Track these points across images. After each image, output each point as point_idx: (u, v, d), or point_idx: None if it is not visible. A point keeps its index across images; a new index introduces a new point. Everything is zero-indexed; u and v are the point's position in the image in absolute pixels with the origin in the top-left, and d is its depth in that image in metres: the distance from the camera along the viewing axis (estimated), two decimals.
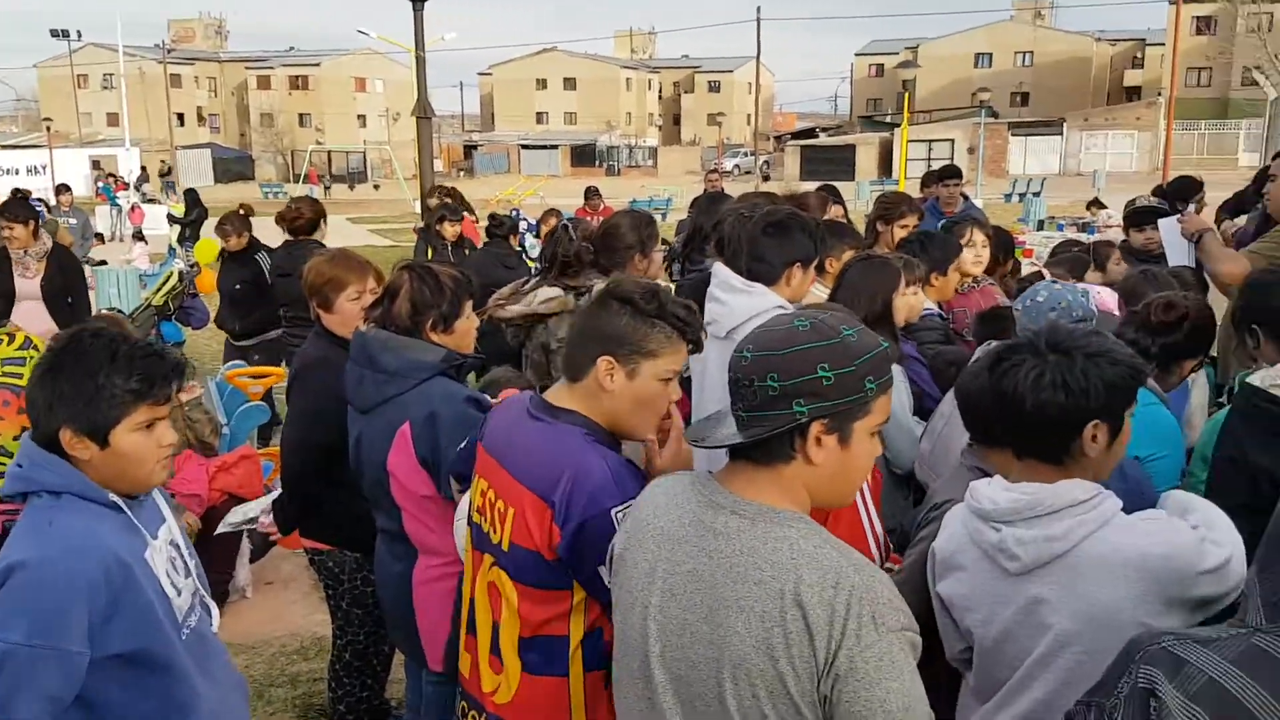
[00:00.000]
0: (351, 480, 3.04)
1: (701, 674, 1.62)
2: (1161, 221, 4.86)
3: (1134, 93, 64.11)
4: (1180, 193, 6.69)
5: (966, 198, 7.89)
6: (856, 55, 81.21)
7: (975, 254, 4.42)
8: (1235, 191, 7.16)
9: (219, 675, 2.15)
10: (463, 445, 2.50)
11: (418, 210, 15.61)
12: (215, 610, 2.25)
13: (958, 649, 2.10)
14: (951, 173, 7.75)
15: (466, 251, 8.47)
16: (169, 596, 2.03)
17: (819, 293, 3.61)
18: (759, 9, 49.10)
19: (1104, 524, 1.85)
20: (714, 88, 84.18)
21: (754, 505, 1.63)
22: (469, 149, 70.93)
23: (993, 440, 2.03)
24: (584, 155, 66.89)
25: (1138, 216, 5.76)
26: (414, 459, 2.72)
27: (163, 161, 29.83)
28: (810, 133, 62.01)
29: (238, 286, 7.14)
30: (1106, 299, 3.61)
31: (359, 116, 76.77)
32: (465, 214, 8.90)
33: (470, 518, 2.29)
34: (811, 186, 6.25)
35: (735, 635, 1.57)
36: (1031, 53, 68.27)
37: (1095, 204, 16.28)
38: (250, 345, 7.20)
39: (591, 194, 14.40)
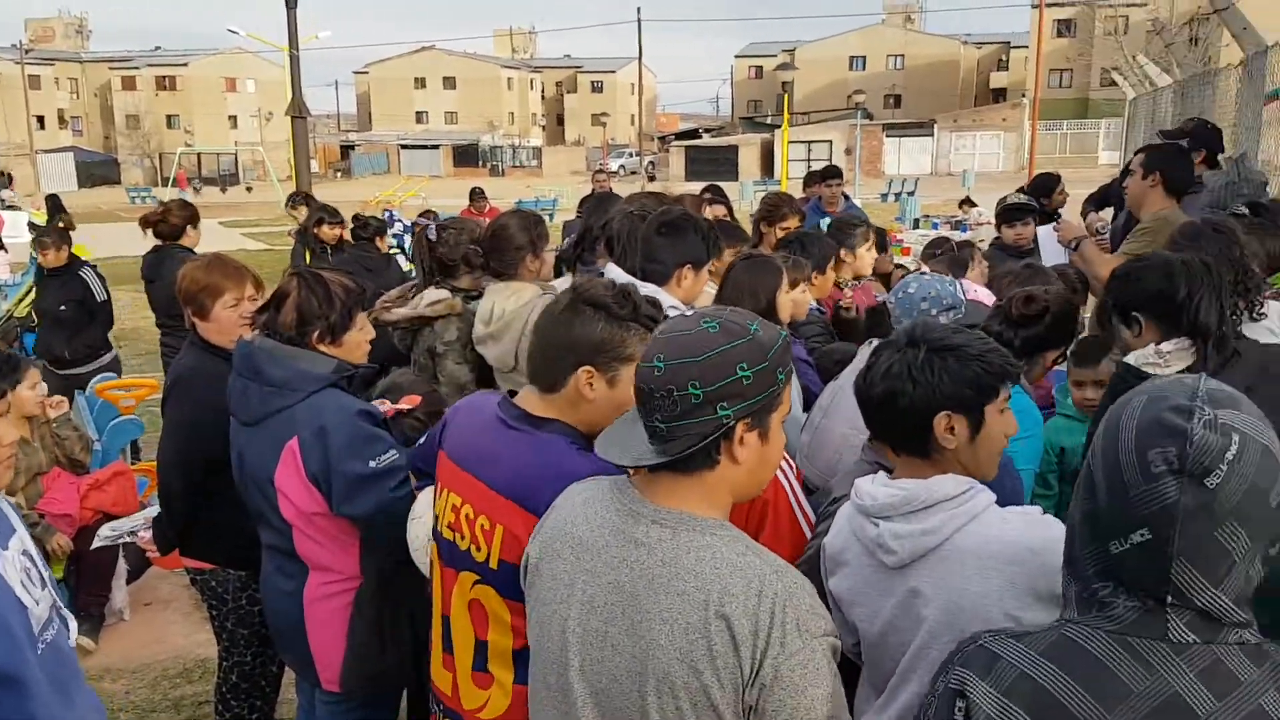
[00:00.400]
0: (234, 496, 2.91)
1: (623, 687, 1.59)
2: (1040, 230, 5.13)
3: (1000, 94, 66.81)
4: (1041, 189, 7.01)
5: (847, 197, 8.10)
6: (736, 57, 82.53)
7: (873, 256, 4.63)
8: (1100, 185, 7.53)
9: (76, 696, 2.00)
10: (421, 441, 2.45)
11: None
12: (73, 622, 2.10)
13: (850, 643, 2.13)
14: (833, 173, 7.96)
15: (347, 254, 8.26)
16: (25, 607, 1.89)
17: (710, 292, 3.64)
18: (639, 10, 49.43)
19: (974, 518, 1.87)
20: (597, 88, 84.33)
21: (675, 514, 1.61)
22: (346, 149, 69.38)
23: (875, 435, 2.08)
24: (466, 155, 66.15)
25: (1008, 214, 6.00)
26: (303, 475, 2.63)
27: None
28: (694, 133, 62.72)
29: (62, 308, 6.65)
30: (981, 294, 3.73)
31: (230, 117, 74.19)
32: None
33: (439, 532, 2.20)
34: (697, 186, 6.31)
35: (658, 648, 1.55)
36: (903, 56, 70.52)
37: (967, 202, 16.88)
38: (81, 374, 6.63)
39: (477, 195, 14.26)
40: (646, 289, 3.08)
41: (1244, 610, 1.29)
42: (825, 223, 6.09)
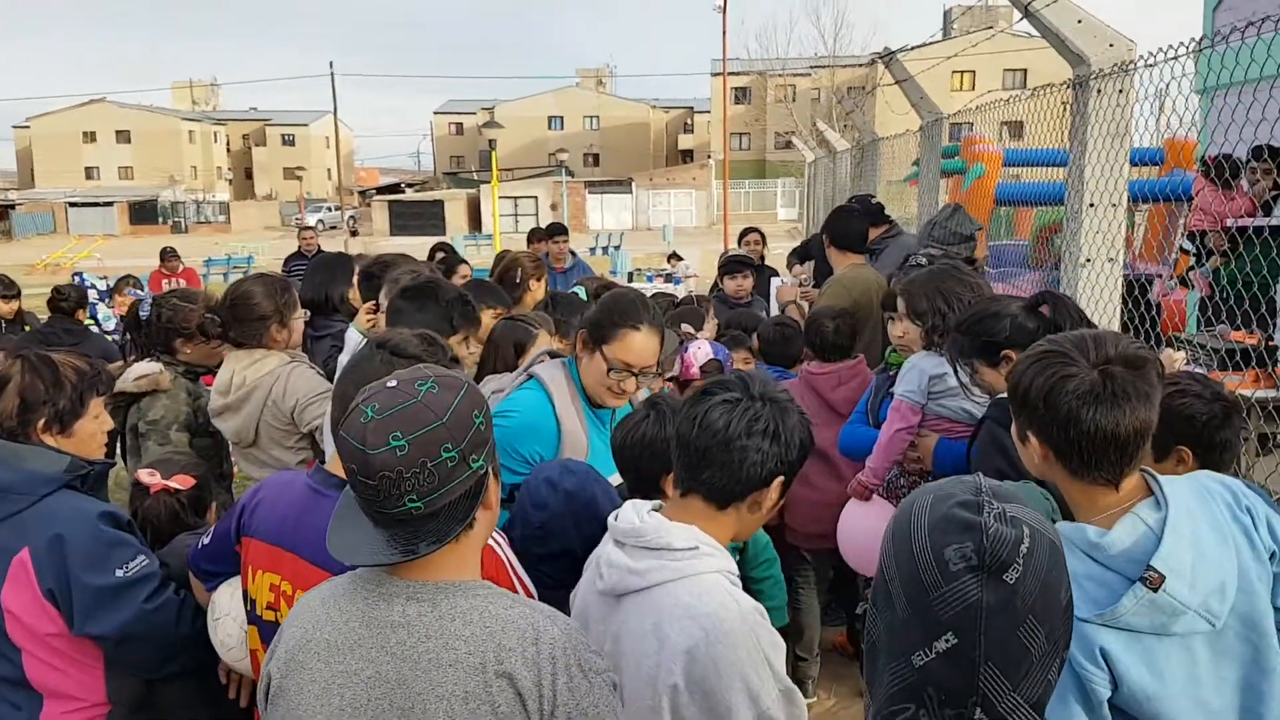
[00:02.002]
0: None
1: None
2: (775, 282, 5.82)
3: (688, 155, 71.09)
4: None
5: (574, 253, 8.24)
6: (435, 113, 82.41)
7: None
8: (803, 240, 8.18)
9: None
10: (206, 541, 2.20)
11: None
12: None
13: None
14: (559, 230, 8.09)
15: (26, 328, 7.32)
16: None
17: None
18: (331, 64, 48.25)
19: (683, 577, 1.80)
20: (288, 141, 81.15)
21: (431, 585, 1.54)
22: (5, 208, 61.95)
23: (686, 469, 1.96)
24: (145, 212, 61.16)
25: (730, 266, 6.43)
26: (37, 592, 2.26)
27: None
28: (396, 188, 61.66)
29: None
30: (707, 349, 4.35)
31: None
32: None
33: (258, 617, 2.03)
34: (402, 241, 6.19)
35: None
36: (598, 117, 73.44)
37: (674, 256, 17.76)
38: None
39: (168, 255, 13.20)
40: None
41: (1041, 716, 1.28)
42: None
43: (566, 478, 2.31)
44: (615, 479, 2.62)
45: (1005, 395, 2.70)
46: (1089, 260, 3.87)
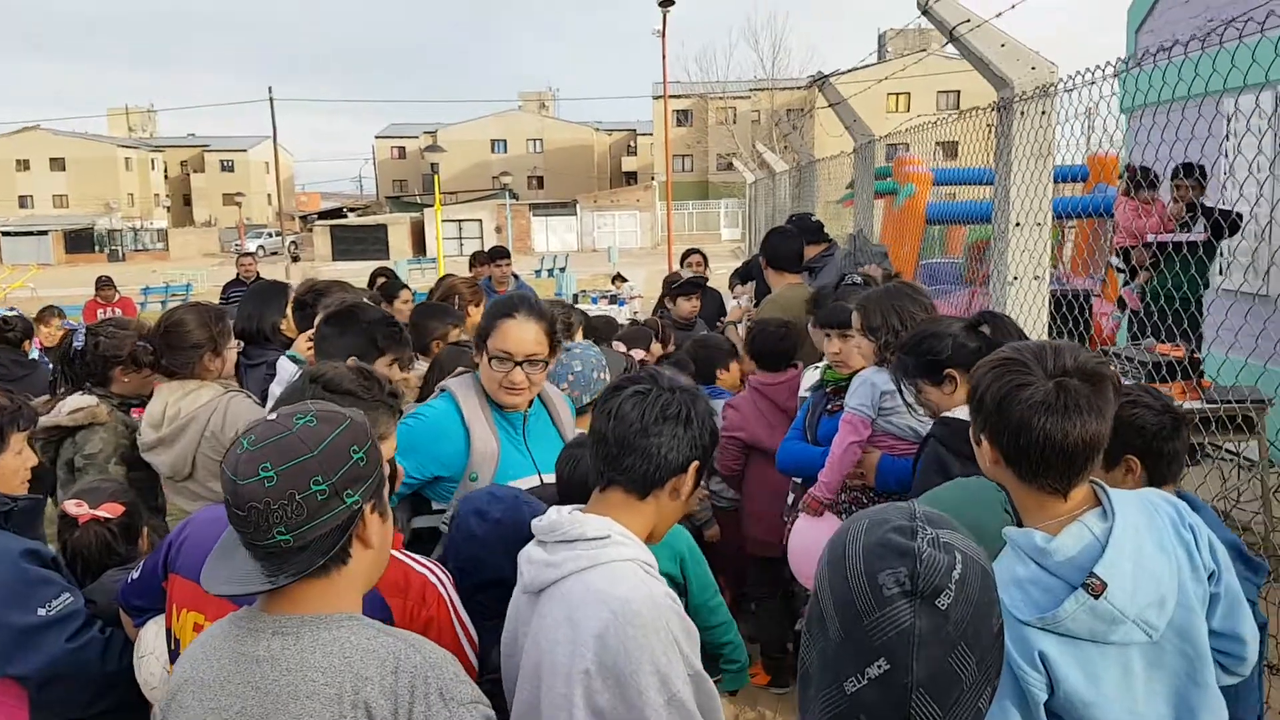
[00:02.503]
0: None
1: None
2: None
3: (632, 176, 71.49)
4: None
5: (517, 276, 8.26)
6: (377, 137, 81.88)
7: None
8: (744, 261, 8.28)
9: None
10: (134, 576, 2.17)
11: None
12: None
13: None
14: (501, 253, 8.11)
15: None
16: None
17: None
18: (270, 89, 47.77)
19: (595, 565, 1.82)
20: (227, 167, 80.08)
21: (296, 618, 1.55)
22: None
23: (605, 462, 1.99)
24: (81, 240, 59.85)
25: (686, 288, 6.52)
26: None
27: None
28: (338, 212, 61.05)
29: None
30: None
31: None
32: None
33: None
34: (346, 266, 6.17)
35: None
36: (541, 140, 73.53)
37: (619, 278, 17.81)
38: None
39: (104, 283, 12.97)
40: None
41: None
42: None
43: (494, 505, 2.31)
44: (526, 482, 2.68)
45: (949, 414, 2.76)
46: (1016, 278, 3.97)
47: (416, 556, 2.16)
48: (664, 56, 26.21)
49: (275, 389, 3.61)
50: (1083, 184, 9.44)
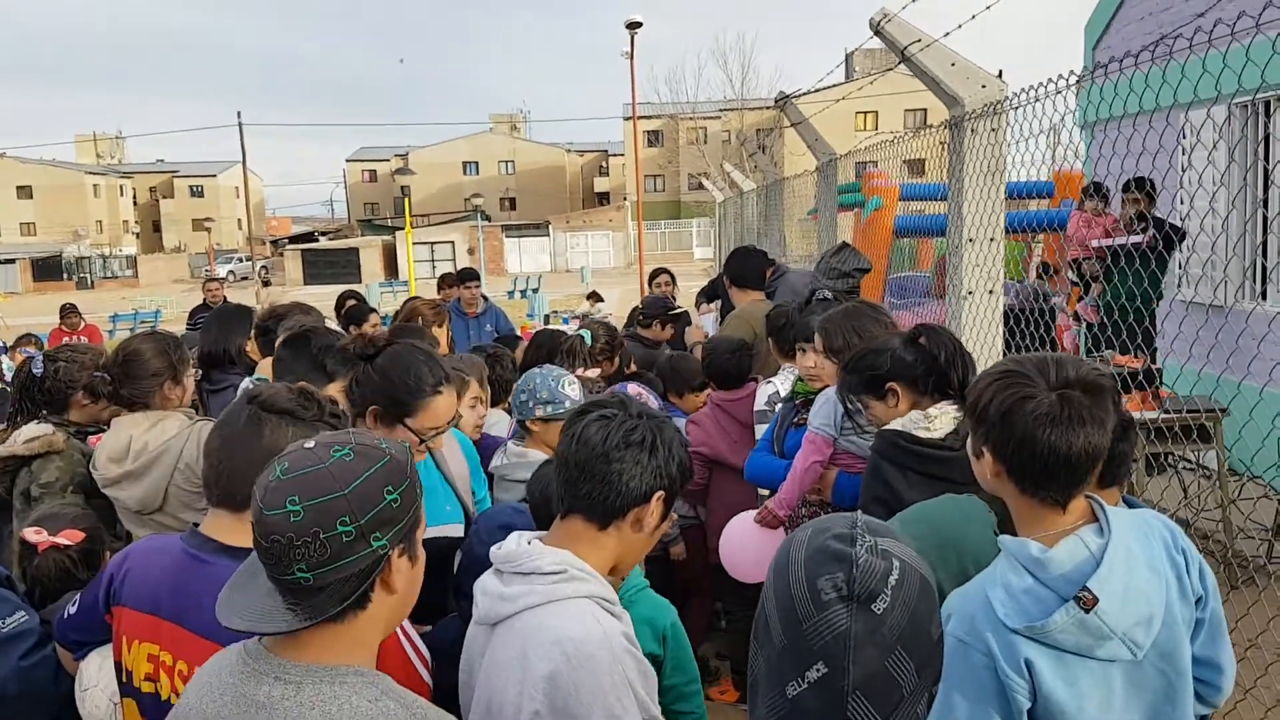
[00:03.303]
0: None
1: None
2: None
3: (604, 197, 71.66)
4: (650, 278, 7.78)
5: (486, 298, 8.24)
6: (348, 161, 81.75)
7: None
8: (710, 280, 8.36)
9: None
10: (72, 611, 2.13)
11: None
12: None
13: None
14: (470, 275, 8.09)
15: None
16: None
17: None
18: (240, 114, 47.61)
19: (549, 601, 1.76)
20: (196, 192, 79.67)
21: (301, 668, 1.47)
22: None
23: (569, 489, 1.94)
24: (49, 269, 59.23)
25: (656, 315, 6.56)
26: None
27: None
28: (310, 236, 60.81)
29: None
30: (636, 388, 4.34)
31: None
32: None
33: (135, 689, 1.94)
34: (318, 290, 6.18)
35: None
36: (513, 161, 73.68)
37: (594, 296, 17.89)
38: None
39: (69, 311, 12.86)
40: None
41: None
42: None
43: (518, 519, 2.33)
44: (451, 529, 2.66)
45: (888, 427, 2.81)
46: (970, 292, 4.02)
47: None
48: (633, 78, 26.38)
49: None
50: (1049, 199, 9.60)
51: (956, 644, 1.79)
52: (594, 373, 4.28)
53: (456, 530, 2.82)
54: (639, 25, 25.03)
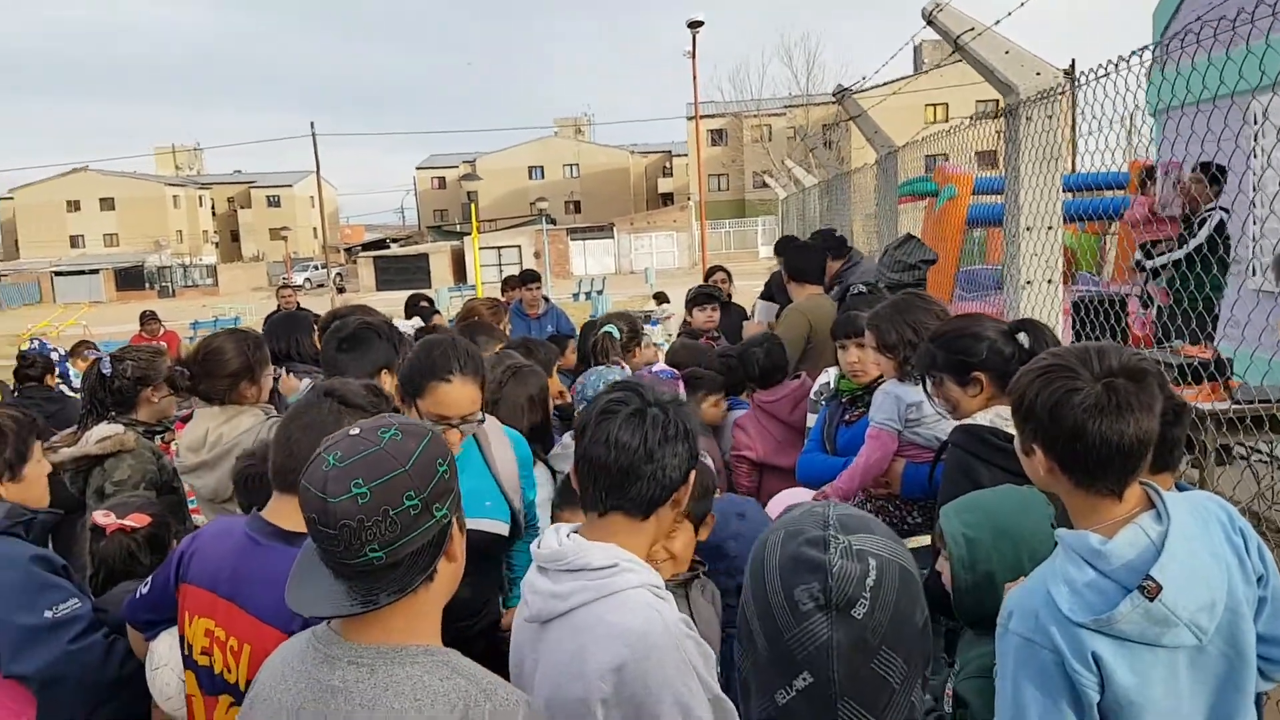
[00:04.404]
0: None
1: None
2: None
3: (668, 198, 71.65)
4: (707, 276, 7.93)
5: (547, 299, 8.33)
6: (418, 168, 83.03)
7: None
8: (766, 281, 8.35)
9: None
10: (145, 590, 2.24)
11: None
12: None
13: None
14: (531, 277, 8.19)
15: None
16: None
17: None
18: (313, 124, 48.65)
19: (604, 595, 1.79)
20: (273, 202, 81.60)
21: (373, 650, 1.52)
22: None
23: (605, 492, 1.95)
24: (131, 278, 61.30)
25: (699, 299, 6.62)
26: None
27: None
28: (381, 244, 61.95)
29: None
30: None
31: None
32: None
33: (194, 661, 2.06)
34: (389, 296, 6.33)
35: None
36: (577, 164, 74.07)
37: (660, 296, 17.97)
38: None
39: (148, 318, 13.27)
40: None
41: None
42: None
43: (747, 506, 2.64)
44: (490, 524, 2.76)
45: (968, 421, 2.69)
46: (1029, 282, 3.97)
47: None
48: (694, 77, 26.42)
49: None
50: (1123, 190, 9.35)
51: (1022, 642, 1.78)
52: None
53: (496, 527, 2.85)
54: (700, 24, 25.04)
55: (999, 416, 2.63)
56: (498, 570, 3.09)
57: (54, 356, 11.09)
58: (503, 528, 2.88)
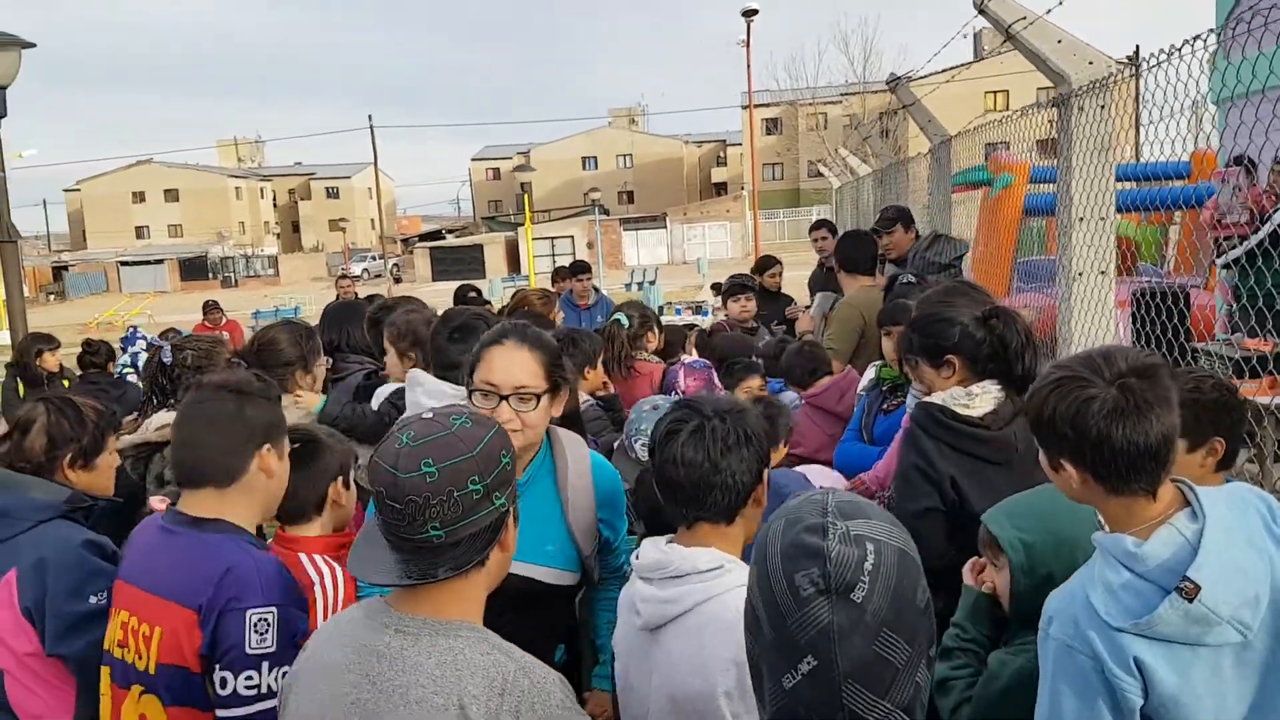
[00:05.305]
0: None
1: None
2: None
3: (721, 188, 71.34)
4: (760, 268, 7.84)
5: (598, 289, 8.37)
6: (473, 160, 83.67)
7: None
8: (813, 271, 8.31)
9: None
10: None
11: (5, 342, 13.87)
12: None
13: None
14: (581, 268, 8.24)
15: (65, 382, 7.60)
16: None
17: None
18: (370, 117, 49.37)
19: (713, 596, 1.91)
20: (332, 194, 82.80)
21: (419, 620, 1.58)
22: (58, 270, 63.85)
23: (680, 506, 2.09)
24: (195, 268, 62.71)
25: (731, 290, 6.59)
26: (16, 611, 2.42)
27: None
28: (437, 234, 62.64)
29: None
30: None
31: None
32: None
33: (109, 655, 2.17)
34: (444, 286, 6.40)
35: None
36: (631, 155, 74.06)
37: (715, 288, 17.91)
38: None
39: (210, 308, 13.61)
40: (461, 391, 2.63)
41: (917, 715, 1.32)
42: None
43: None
44: (541, 571, 2.44)
45: (927, 399, 2.80)
46: (1080, 274, 3.91)
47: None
48: (749, 66, 26.33)
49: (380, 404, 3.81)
50: (1185, 180, 9.12)
51: (1062, 648, 1.78)
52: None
53: (558, 577, 2.50)
54: (755, 13, 24.90)
55: (951, 396, 2.71)
56: (553, 620, 2.61)
57: (140, 344, 11.40)
58: (567, 578, 2.54)
